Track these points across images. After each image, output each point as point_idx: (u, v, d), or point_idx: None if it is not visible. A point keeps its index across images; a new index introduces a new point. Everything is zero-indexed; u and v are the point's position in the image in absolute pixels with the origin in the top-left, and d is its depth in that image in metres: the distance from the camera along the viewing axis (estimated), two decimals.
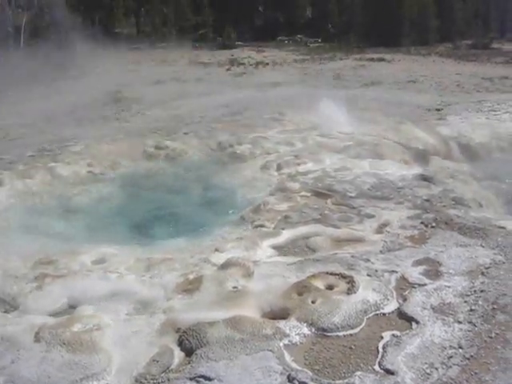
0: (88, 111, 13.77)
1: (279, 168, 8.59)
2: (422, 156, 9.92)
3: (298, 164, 8.67)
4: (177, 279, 5.16)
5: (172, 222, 7.17)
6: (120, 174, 8.87)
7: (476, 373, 3.83)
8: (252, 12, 36.46)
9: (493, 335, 4.23)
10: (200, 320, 4.41)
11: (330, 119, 10.98)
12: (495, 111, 13.37)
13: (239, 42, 30.64)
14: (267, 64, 23.04)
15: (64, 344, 4.14)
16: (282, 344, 4.14)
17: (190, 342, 4.20)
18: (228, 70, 21.72)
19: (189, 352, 4.13)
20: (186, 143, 10.09)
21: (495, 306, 4.60)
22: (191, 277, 5.17)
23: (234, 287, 4.92)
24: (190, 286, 5.00)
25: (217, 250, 5.77)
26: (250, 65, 23.04)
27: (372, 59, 24.17)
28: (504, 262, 5.38)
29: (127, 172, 8.96)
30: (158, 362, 4.01)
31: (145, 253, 5.90)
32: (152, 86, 17.44)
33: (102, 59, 23.02)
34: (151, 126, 11.70)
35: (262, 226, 6.40)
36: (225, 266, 5.25)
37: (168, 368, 3.98)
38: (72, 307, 4.83)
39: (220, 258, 5.48)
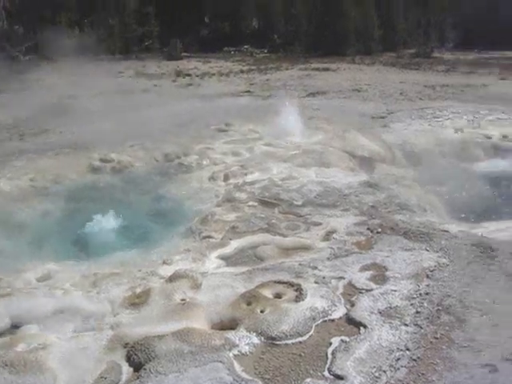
0: (31, 124, 13.47)
1: (226, 178, 8.59)
2: (367, 163, 10.07)
3: (245, 174, 8.68)
4: (124, 293, 5.09)
5: (119, 236, 7.06)
6: (65, 187, 8.68)
7: (423, 373, 3.91)
8: (198, 23, 36.41)
9: (438, 336, 4.33)
10: (148, 334, 4.36)
11: (276, 129, 11.06)
12: (437, 118, 13.71)
13: (185, 53, 30.50)
14: (213, 75, 23.03)
15: (7, 365, 4.01)
16: (231, 354, 4.14)
17: (138, 356, 4.15)
18: (174, 81, 21.60)
19: (137, 367, 4.08)
20: (132, 155, 9.98)
21: (440, 308, 4.72)
22: (139, 290, 5.12)
23: (182, 299, 4.89)
24: (138, 300, 4.94)
25: (164, 262, 5.73)
26: (197, 76, 22.98)
27: (317, 69, 24.43)
28: (448, 265, 5.52)
29: (72, 186, 8.78)
30: (105, 378, 3.95)
31: (91, 268, 5.80)
32: (97, 98, 17.16)
33: (45, 71, 22.59)
34: (96, 138, 11.47)
35: (209, 236, 6.38)
36: (172, 278, 5.21)
37: None
38: (15, 327, 4.68)
39: (168, 271, 5.44)
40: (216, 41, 33.88)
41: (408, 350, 4.17)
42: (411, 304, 4.78)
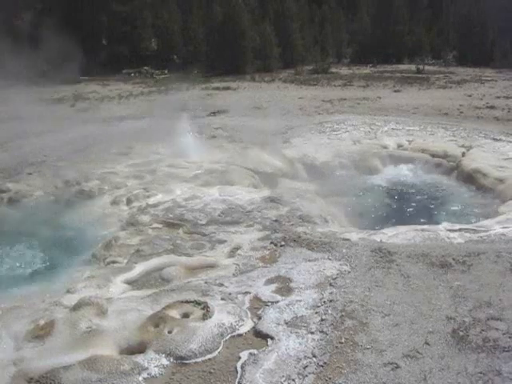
0: None
1: (129, 202, 8.50)
2: (269, 179, 10.27)
3: (148, 196, 8.63)
4: (26, 327, 4.92)
5: (19, 267, 6.82)
6: None
7: (330, 378, 4.06)
8: (95, 46, 35.85)
9: (343, 340, 4.50)
10: (54, 366, 4.27)
11: (178, 149, 11.07)
12: (336, 131, 14.18)
13: (83, 77, 29.93)
14: (113, 98, 22.75)
15: None
16: (141, 378, 4.12)
17: None
18: (72, 105, 21.16)
19: None
20: (30, 184, 9.67)
21: (343, 314, 4.90)
22: (42, 322, 4.97)
23: (88, 327, 4.79)
24: (42, 332, 4.80)
25: (68, 291, 5.59)
26: (96, 99, 22.62)
27: (218, 88, 24.67)
28: (349, 272, 5.74)
29: None
30: None
31: None
32: None
33: None
34: None
35: (114, 261, 6.31)
36: (77, 306, 5.10)
37: None
38: None
39: (72, 300, 5.31)
40: (114, 63, 33.46)
41: (315, 356, 4.29)
42: (316, 312, 4.93)
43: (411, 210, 9.52)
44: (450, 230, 6.95)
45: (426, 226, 7.31)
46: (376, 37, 39.17)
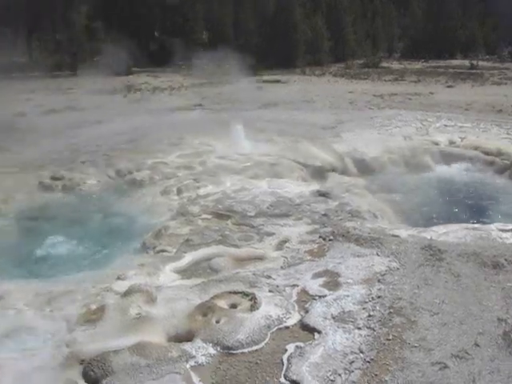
0: None
1: (179, 192, 8.60)
2: (319, 173, 10.24)
3: (198, 187, 8.72)
4: (79, 310, 5.05)
5: (73, 253, 6.99)
6: (15, 207, 8.53)
7: (376, 374, 4.01)
8: (148, 37, 36.32)
9: (390, 337, 4.44)
10: (104, 349, 4.35)
11: (228, 141, 11.13)
12: (386, 126, 14.02)
13: (135, 68, 30.38)
14: (164, 89, 23.03)
15: None
16: (188, 366, 4.16)
17: (94, 372, 4.12)
18: (125, 96, 21.50)
19: (94, 383, 4.05)
20: (83, 172, 9.90)
21: (391, 310, 4.83)
22: (94, 307, 5.08)
23: (138, 314, 4.87)
24: (93, 316, 4.91)
25: (119, 278, 5.69)
26: (147, 90, 22.94)
27: (268, 81, 24.71)
28: (398, 268, 5.66)
29: (22, 205, 8.63)
30: None
31: (45, 287, 5.71)
32: (47, 115, 16.97)
33: None
34: (47, 156, 11.37)
35: (163, 250, 6.39)
36: (127, 293, 5.20)
37: None
38: None
39: (122, 286, 5.41)
40: (166, 55, 33.80)
41: (362, 352, 4.26)
42: (364, 308, 4.88)
43: (462, 208, 9.35)
44: (503, 230, 6.77)
45: (477, 225, 7.15)
46: (428, 31, 38.49)
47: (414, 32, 40.17)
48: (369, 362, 4.16)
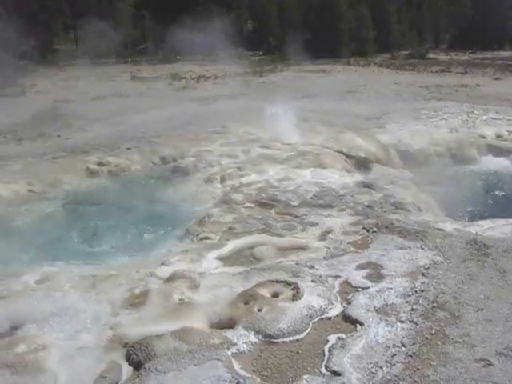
0: (28, 129, 13.51)
1: (223, 180, 8.64)
2: (363, 164, 10.15)
3: (242, 176, 8.74)
4: (123, 294, 5.12)
5: (117, 238, 7.10)
6: (62, 191, 8.71)
7: (418, 369, 3.97)
8: (192, 25, 36.40)
9: (433, 332, 4.39)
10: (147, 334, 4.41)
11: (272, 131, 11.12)
12: (432, 118, 13.81)
13: (180, 57, 30.56)
14: (209, 78, 23.12)
15: (7, 366, 4.05)
16: (229, 353, 4.18)
17: (137, 355, 4.19)
18: (170, 84, 21.67)
19: (137, 366, 4.12)
20: (128, 158, 10.02)
21: (435, 305, 4.77)
22: (137, 291, 5.15)
23: (181, 299, 4.92)
24: (137, 301, 4.98)
25: (162, 263, 5.76)
26: (192, 79, 23.06)
27: (312, 71, 24.56)
28: (442, 262, 5.58)
29: (69, 189, 8.82)
30: (106, 378, 3.99)
31: (90, 270, 5.83)
32: (93, 102, 17.26)
33: (41, 76, 22.64)
34: (93, 142, 11.57)
35: (206, 238, 6.43)
36: (171, 279, 5.26)
37: (117, 383, 3.97)
38: (15, 328, 4.69)
39: (166, 272, 5.47)
40: (211, 43, 33.86)
41: (404, 346, 4.22)
42: (407, 301, 4.83)
43: (508, 203, 9.16)
44: None
45: None
46: (476, 21, 37.54)
47: (462, 22, 39.27)
48: (411, 355, 4.12)
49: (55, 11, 32.75)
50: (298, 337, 4.39)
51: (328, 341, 4.33)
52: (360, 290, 5.05)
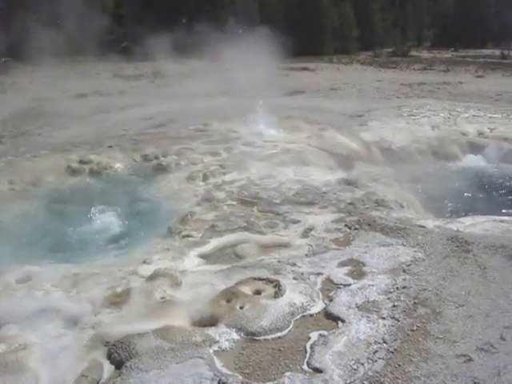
0: (8, 127, 13.38)
1: (205, 178, 8.62)
2: (345, 161, 10.17)
3: (224, 173, 8.72)
4: (104, 293, 5.09)
5: (98, 237, 7.06)
6: (43, 190, 8.63)
7: (400, 365, 3.98)
8: (174, 24, 36.28)
9: (414, 328, 4.41)
10: (129, 332, 4.39)
11: (254, 128, 11.12)
12: (414, 116, 13.90)
13: (162, 54, 30.39)
14: (190, 75, 23.03)
15: None
16: (211, 350, 4.17)
17: (119, 354, 4.17)
18: (152, 82, 21.59)
19: (118, 364, 4.10)
20: (110, 157, 9.95)
21: (416, 301, 4.80)
22: (119, 290, 5.12)
23: (162, 298, 4.90)
24: (118, 299, 4.95)
25: (144, 262, 5.74)
26: (174, 76, 22.97)
27: (295, 68, 24.57)
28: (424, 259, 5.61)
29: (51, 188, 8.74)
30: (87, 376, 3.96)
31: (71, 269, 5.78)
32: (74, 100, 17.15)
33: (20, 73, 22.42)
34: (74, 140, 11.48)
35: (188, 236, 6.41)
36: (152, 277, 5.24)
37: (98, 382, 3.95)
38: None
39: (148, 270, 5.45)
40: (194, 41, 33.78)
41: (385, 342, 4.24)
42: (388, 298, 4.86)
43: (490, 200, 9.24)
44: None
45: (505, 218, 7.03)
46: (459, 19, 37.84)
47: (445, 20, 39.54)
48: (392, 352, 4.14)
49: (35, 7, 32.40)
50: (279, 334, 4.39)
51: (310, 338, 4.34)
52: (342, 287, 5.06)
